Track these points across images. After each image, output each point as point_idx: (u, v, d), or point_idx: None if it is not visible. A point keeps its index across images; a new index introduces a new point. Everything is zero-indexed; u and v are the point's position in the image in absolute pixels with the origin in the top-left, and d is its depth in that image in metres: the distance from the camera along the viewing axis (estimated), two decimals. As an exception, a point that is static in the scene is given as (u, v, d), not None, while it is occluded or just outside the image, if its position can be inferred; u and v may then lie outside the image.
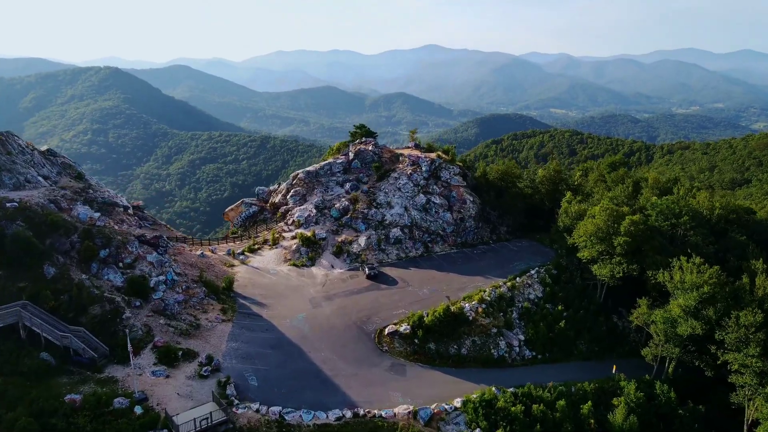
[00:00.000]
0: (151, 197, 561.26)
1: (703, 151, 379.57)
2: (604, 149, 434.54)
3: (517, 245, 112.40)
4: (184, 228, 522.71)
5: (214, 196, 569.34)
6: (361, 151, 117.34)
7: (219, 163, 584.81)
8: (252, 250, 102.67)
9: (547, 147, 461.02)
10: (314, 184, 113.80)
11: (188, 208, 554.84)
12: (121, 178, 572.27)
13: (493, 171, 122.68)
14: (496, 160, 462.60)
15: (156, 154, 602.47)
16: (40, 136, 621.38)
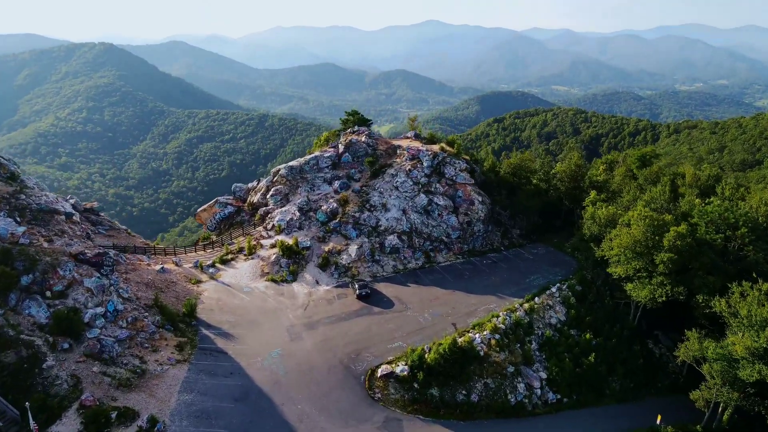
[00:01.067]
0: (147, 177, 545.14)
1: (712, 130, 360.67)
2: (609, 128, 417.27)
3: (532, 252, 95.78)
4: (182, 208, 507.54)
5: (212, 176, 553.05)
6: (352, 142, 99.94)
7: (216, 142, 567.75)
8: (224, 261, 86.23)
9: (551, 126, 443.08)
10: (298, 181, 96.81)
11: (185, 187, 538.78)
12: (117, 157, 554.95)
13: (505, 166, 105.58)
14: (498, 139, 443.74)
15: (152, 133, 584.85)
16: (35, 114, 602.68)
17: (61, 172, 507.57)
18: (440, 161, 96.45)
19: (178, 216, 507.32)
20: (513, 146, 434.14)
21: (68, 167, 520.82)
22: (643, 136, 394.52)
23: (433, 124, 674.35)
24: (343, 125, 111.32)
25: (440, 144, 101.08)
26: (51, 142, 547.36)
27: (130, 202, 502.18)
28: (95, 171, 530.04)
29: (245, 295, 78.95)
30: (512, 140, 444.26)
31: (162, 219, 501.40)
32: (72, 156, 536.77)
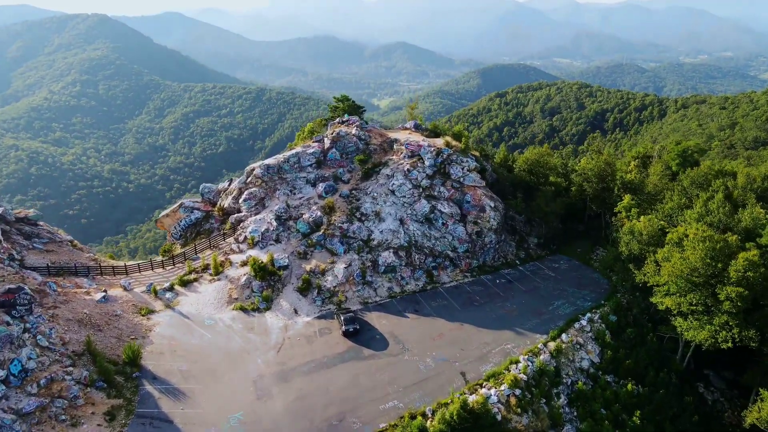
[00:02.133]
0: (144, 152, 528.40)
1: (721, 105, 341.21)
2: (614, 103, 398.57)
3: (553, 267, 79.39)
4: (179, 184, 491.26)
5: (209, 151, 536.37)
6: (340, 135, 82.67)
7: (213, 117, 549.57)
8: (185, 282, 70.03)
9: (554, 100, 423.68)
10: (276, 183, 79.96)
11: (182, 163, 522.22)
12: (112, 132, 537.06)
13: (521, 162, 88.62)
14: (500, 114, 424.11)
15: (148, 107, 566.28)
16: (28, 88, 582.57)
17: (55, 147, 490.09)
18: (445, 159, 79.27)
19: (175, 192, 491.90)
20: (516, 122, 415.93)
21: (63, 142, 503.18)
22: (649, 112, 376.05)
23: (434, 98, 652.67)
24: (331, 113, 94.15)
25: (445, 138, 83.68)
26: (45, 116, 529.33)
27: (126, 178, 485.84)
28: (90, 146, 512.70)
29: (206, 331, 62.96)
30: (515, 115, 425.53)
31: (159, 195, 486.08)
32: (66, 131, 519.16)
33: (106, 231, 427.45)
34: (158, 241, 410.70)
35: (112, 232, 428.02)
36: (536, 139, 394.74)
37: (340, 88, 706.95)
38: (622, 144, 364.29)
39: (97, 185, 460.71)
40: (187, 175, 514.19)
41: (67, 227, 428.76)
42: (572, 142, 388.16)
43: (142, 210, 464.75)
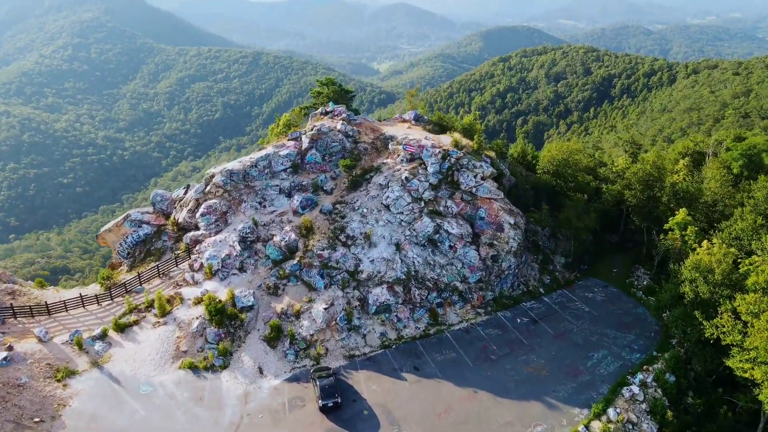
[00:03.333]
0: (138, 118, 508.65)
1: (734, 70, 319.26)
2: (622, 68, 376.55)
3: (586, 297, 62.42)
4: (175, 152, 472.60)
5: (205, 117, 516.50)
6: (322, 132, 64.47)
7: (209, 81, 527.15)
8: (122, 327, 53.52)
9: (560, 65, 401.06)
10: (241, 192, 62.50)
11: (178, 130, 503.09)
12: (106, 98, 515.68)
13: (545, 161, 70.82)
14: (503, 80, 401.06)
15: (142, 72, 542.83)
16: (18, 51, 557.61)
17: (48, 113, 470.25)
18: (453, 164, 61.39)
19: (171, 160, 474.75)
20: (519, 87, 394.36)
21: (55, 108, 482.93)
22: (659, 77, 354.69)
23: (435, 62, 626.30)
24: (313, 99, 75.93)
25: (453, 135, 65.27)
26: (36, 81, 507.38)
27: (121, 146, 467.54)
28: (84, 112, 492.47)
29: (140, 404, 46.69)
30: (519, 81, 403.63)
31: (155, 163, 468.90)
32: (59, 96, 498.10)
33: (101, 199, 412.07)
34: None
35: (108, 201, 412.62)
36: (540, 106, 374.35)
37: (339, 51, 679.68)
38: (630, 112, 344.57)
39: (92, 153, 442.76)
40: (184, 142, 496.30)
41: (62, 196, 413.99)
42: (577, 109, 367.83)
43: (138, 178, 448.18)
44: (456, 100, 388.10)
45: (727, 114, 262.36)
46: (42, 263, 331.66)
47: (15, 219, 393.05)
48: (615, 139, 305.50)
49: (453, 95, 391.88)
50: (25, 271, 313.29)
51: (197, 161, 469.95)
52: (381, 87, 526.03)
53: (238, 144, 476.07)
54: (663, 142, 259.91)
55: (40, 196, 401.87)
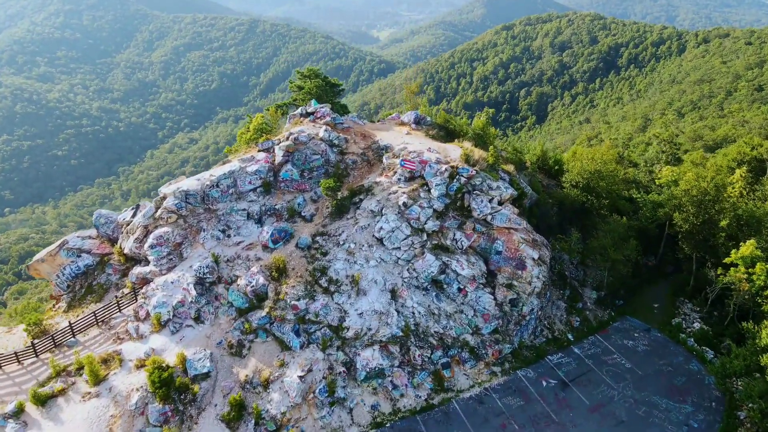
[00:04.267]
0: (133, 89, 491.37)
1: (747, 40, 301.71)
2: (630, 36, 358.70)
3: (625, 346, 49.73)
4: (171, 123, 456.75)
5: (202, 87, 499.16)
6: (301, 142, 50.67)
7: (205, 50, 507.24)
8: (43, 399, 41.17)
9: (565, 34, 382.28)
10: (200, 219, 49.38)
11: (174, 100, 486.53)
12: (100, 67, 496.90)
13: (574, 172, 57.09)
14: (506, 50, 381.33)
15: (136, 40, 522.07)
16: (9, 18, 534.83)
17: (40, 83, 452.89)
18: (464, 185, 47.92)
19: (168, 131, 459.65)
20: (523, 57, 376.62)
21: (48, 78, 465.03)
22: (667, 47, 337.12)
23: (436, 30, 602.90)
24: (294, 94, 61.61)
25: (462, 145, 51.08)
26: (28, 50, 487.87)
27: (116, 117, 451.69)
28: (77, 82, 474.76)
29: None
30: (522, 50, 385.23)
31: (151, 135, 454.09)
32: (51, 65, 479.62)
33: (97, 172, 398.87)
34: (151, 183, 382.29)
35: (104, 174, 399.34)
36: (544, 76, 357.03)
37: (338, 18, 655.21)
38: (637, 83, 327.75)
39: (86, 124, 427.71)
40: (180, 113, 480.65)
41: (57, 169, 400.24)
42: (583, 80, 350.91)
43: (134, 150, 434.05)
44: (457, 70, 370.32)
45: (740, 86, 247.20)
46: (36, 239, 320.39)
47: (9, 192, 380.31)
48: (622, 113, 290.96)
49: (454, 65, 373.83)
50: (18, 248, 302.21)
51: (194, 133, 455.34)
52: (381, 56, 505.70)
53: (236, 115, 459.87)
54: (673, 116, 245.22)
55: (34, 168, 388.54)
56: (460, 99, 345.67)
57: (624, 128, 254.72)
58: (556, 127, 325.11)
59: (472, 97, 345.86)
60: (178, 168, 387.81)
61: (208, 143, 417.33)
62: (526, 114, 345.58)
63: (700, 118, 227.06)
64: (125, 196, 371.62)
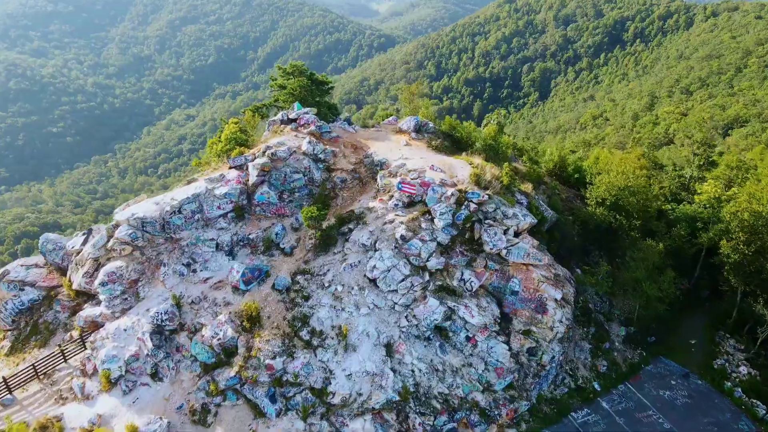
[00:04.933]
0: (129, 64, 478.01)
1: (757, 14, 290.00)
2: (636, 10, 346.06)
3: (661, 399, 41.67)
4: (168, 99, 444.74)
5: (198, 62, 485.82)
6: (279, 158, 41.84)
7: (201, 24, 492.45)
8: (-33, 480, 33.90)
9: (569, 7, 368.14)
10: (160, 250, 40.89)
11: (170, 76, 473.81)
12: (94, 42, 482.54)
13: (600, 188, 47.96)
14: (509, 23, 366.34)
15: (131, 13, 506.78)
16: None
17: (34, 59, 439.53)
18: (474, 212, 39.28)
19: (164, 108, 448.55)
20: (526, 32, 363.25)
21: (41, 53, 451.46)
22: (675, 20, 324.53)
23: (437, 2, 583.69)
24: (275, 94, 52.25)
25: (471, 162, 41.20)
26: (20, 24, 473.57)
27: (112, 93, 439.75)
28: (71, 57, 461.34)
29: None
30: (525, 24, 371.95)
31: (147, 111, 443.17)
32: (45, 40, 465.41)
33: (93, 150, 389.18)
34: (148, 161, 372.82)
35: (101, 151, 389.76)
36: (548, 51, 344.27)
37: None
38: (643, 58, 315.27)
39: (81, 100, 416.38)
40: (176, 89, 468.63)
41: (52, 146, 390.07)
42: (587, 55, 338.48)
43: (130, 127, 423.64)
44: (459, 45, 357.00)
45: (750, 63, 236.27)
46: (32, 219, 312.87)
47: (5, 170, 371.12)
48: (628, 90, 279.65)
49: (455, 40, 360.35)
50: (14, 227, 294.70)
51: (191, 109, 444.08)
52: (380, 30, 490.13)
53: (233, 91, 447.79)
54: (681, 95, 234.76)
55: (29, 146, 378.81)
56: (462, 75, 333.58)
57: (630, 106, 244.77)
58: (559, 105, 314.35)
59: (473, 72, 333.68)
60: (175, 145, 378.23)
61: (206, 120, 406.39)
62: (528, 91, 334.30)
63: (709, 97, 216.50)
64: (122, 174, 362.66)
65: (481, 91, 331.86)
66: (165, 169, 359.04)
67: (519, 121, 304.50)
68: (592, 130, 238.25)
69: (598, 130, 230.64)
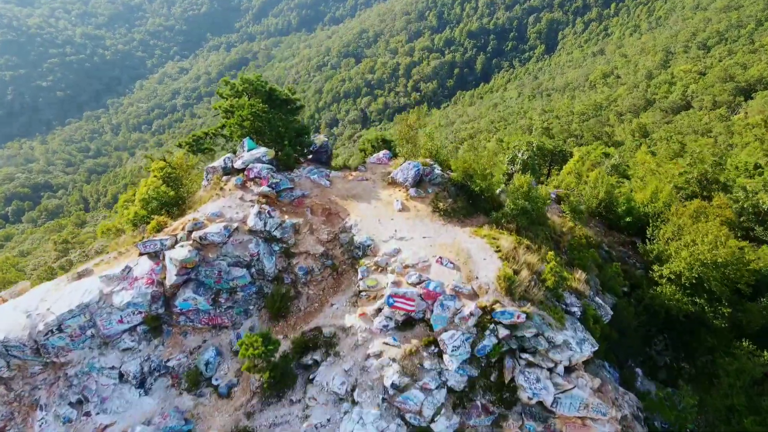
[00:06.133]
0: (118, 13, 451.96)
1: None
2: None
3: None
4: (160, 50, 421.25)
5: (191, 12, 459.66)
6: (211, 243, 27.36)
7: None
8: None
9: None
10: (35, 383, 27.22)
11: (162, 26, 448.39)
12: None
13: (681, 264, 33.33)
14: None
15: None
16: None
17: (19, 8, 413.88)
18: (504, 340, 24.83)
19: (157, 60, 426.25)
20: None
21: (26, 1, 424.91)
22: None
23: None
24: (222, 120, 36.33)
25: (500, 248, 27.07)
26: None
27: (102, 44, 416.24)
28: (58, 5, 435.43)
29: None
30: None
31: (139, 63, 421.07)
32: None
33: (84, 104, 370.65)
34: (141, 117, 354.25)
35: (92, 106, 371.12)
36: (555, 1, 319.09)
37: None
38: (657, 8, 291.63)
39: (70, 52, 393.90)
40: (169, 40, 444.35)
41: (43, 101, 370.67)
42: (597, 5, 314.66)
43: (123, 81, 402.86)
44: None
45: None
46: (22, 179, 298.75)
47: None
48: (641, 44, 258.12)
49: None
50: (4, 188, 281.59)
51: (184, 62, 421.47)
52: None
53: (228, 42, 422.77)
54: (698, 50, 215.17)
55: (19, 101, 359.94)
56: (464, 27, 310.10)
57: (643, 63, 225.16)
58: (567, 59, 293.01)
59: (477, 24, 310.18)
60: (169, 100, 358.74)
61: (199, 73, 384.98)
62: (534, 43, 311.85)
63: (729, 53, 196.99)
64: (115, 131, 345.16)
65: (485, 43, 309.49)
66: (159, 126, 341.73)
67: (524, 76, 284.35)
68: (602, 89, 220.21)
69: (609, 90, 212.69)
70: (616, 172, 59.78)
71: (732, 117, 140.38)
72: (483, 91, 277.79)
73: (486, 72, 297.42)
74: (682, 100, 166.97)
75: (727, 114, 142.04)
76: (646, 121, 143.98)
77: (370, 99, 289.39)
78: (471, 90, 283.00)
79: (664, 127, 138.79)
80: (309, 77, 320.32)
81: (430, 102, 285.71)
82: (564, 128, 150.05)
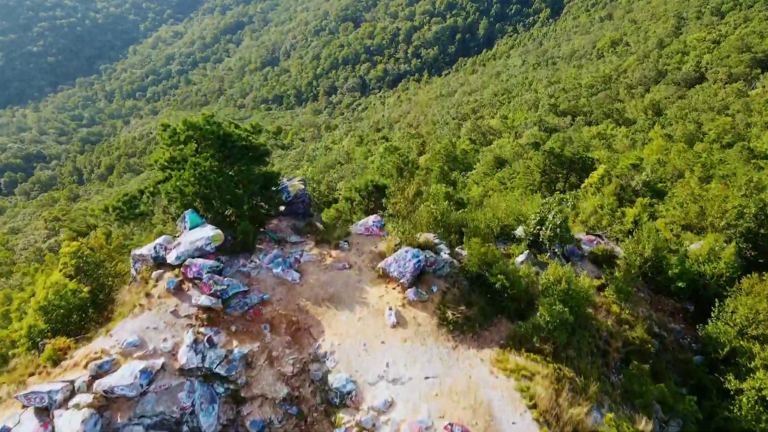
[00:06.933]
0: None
1: None
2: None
3: None
4: (153, 14, 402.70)
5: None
6: (120, 397, 18.60)
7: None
8: None
9: None
10: None
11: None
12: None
13: None
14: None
15: None
16: None
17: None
18: None
19: (150, 24, 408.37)
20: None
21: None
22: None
23: None
24: (160, 176, 26.93)
25: (534, 394, 18.86)
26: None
27: (93, 7, 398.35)
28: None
29: None
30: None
31: (132, 27, 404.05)
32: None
33: (77, 70, 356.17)
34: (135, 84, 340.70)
35: (85, 72, 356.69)
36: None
37: None
38: None
39: (61, 16, 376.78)
40: (162, 2, 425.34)
41: (34, 67, 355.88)
42: None
43: (116, 46, 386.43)
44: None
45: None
46: (14, 149, 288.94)
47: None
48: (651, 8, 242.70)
49: None
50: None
51: (179, 25, 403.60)
52: None
53: (223, 5, 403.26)
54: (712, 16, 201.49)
55: (9, 67, 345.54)
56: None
57: (654, 30, 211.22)
58: (573, 24, 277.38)
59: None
60: (163, 66, 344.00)
61: (194, 38, 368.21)
62: (539, 6, 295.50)
63: (745, 20, 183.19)
64: (109, 98, 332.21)
65: (488, 6, 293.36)
66: (154, 92, 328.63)
67: (528, 42, 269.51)
68: (611, 58, 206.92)
69: (618, 59, 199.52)
70: (648, 189, 50.74)
71: (749, 92, 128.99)
72: (485, 58, 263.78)
73: (489, 37, 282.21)
74: (696, 72, 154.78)
75: (745, 89, 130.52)
76: (659, 97, 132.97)
77: (369, 66, 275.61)
78: (473, 57, 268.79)
79: (678, 103, 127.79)
80: (306, 42, 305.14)
81: (431, 69, 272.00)
82: (572, 104, 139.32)
